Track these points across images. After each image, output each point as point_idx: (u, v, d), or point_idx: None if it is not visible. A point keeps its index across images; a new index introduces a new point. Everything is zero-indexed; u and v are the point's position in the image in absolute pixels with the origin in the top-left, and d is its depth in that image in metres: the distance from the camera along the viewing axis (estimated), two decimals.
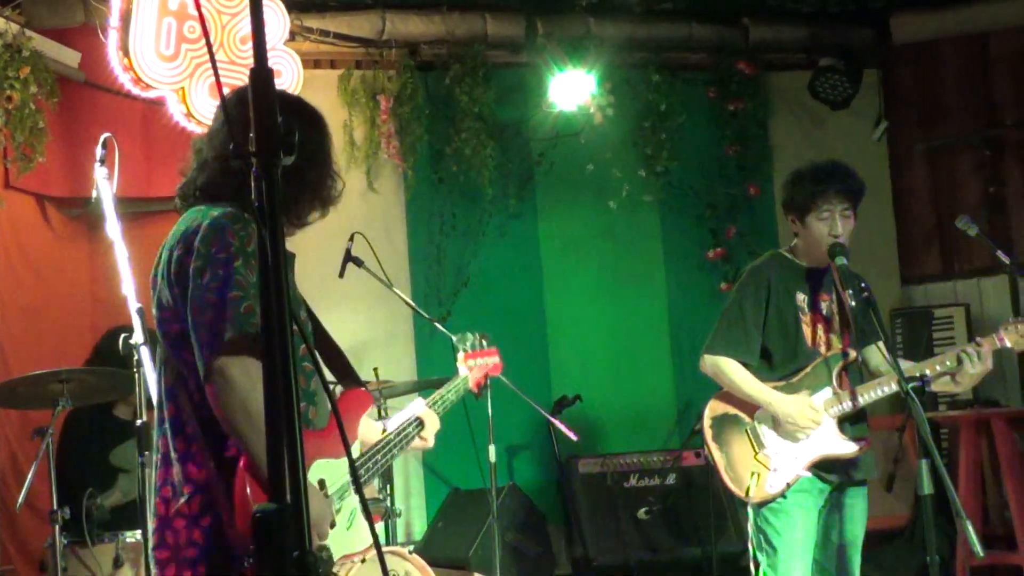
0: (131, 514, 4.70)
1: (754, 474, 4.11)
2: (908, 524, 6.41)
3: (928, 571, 3.75)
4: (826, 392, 4.10)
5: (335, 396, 2.81)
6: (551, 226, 7.22)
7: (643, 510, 6.44)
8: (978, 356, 3.96)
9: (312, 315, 2.89)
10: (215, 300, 2.46)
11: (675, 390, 7.24)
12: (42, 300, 5.71)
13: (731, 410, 4.21)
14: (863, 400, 4.07)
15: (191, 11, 5.49)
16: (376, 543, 1.79)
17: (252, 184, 1.67)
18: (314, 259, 2.88)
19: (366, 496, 2.46)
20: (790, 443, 4.09)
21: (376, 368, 6.00)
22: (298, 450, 1.60)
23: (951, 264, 7.53)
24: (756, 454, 4.13)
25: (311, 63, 6.50)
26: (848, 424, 4.12)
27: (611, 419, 7.08)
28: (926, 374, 3.96)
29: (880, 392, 4.04)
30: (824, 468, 4.10)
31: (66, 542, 4.57)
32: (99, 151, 3.72)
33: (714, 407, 4.25)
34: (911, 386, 3.75)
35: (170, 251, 2.60)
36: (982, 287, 7.35)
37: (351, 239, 5.11)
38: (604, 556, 6.33)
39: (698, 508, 6.35)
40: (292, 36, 6.21)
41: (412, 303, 5.38)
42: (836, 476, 4.12)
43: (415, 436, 3.12)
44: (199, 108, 5.55)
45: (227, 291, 2.46)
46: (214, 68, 1.85)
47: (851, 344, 4.16)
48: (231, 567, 2.48)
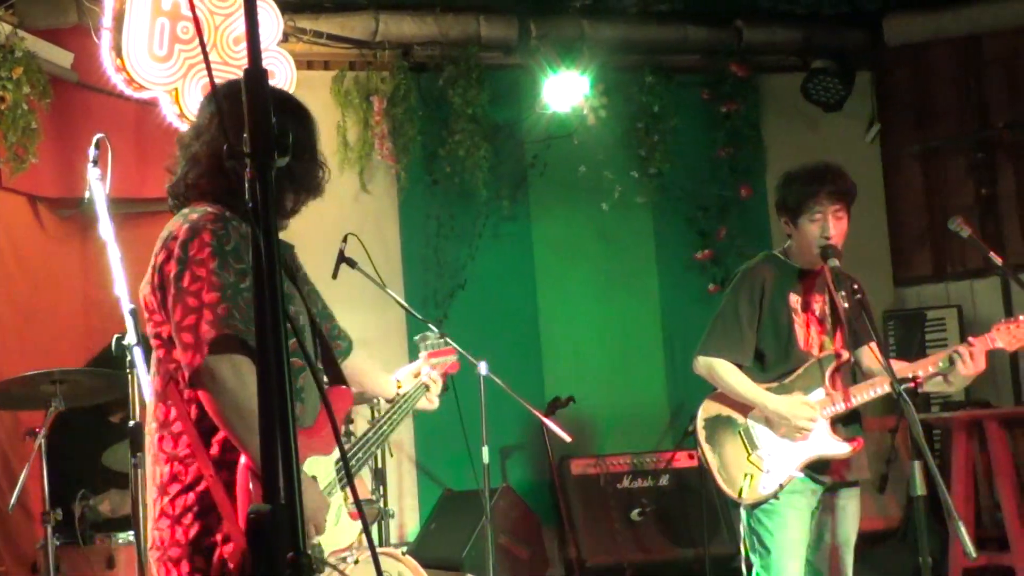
0: (123, 515, 4.70)
1: (747, 475, 4.11)
2: (901, 525, 6.41)
3: (921, 572, 3.76)
4: (819, 393, 4.11)
5: (326, 391, 2.81)
6: (544, 227, 7.21)
7: (636, 511, 6.45)
8: (970, 357, 3.96)
9: (309, 308, 2.87)
10: (195, 304, 2.48)
11: (668, 391, 7.24)
12: (35, 301, 5.70)
13: (724, 411, 4.21)
14: (856, 401, 4.07)
15: (184, 12, 5.48)
16: (371, 545, 1.79)
17: (246, 185, 1.66)
18: (307, 260, 2.88)
19: (358, 497, 2.46)
20: (783, 444, 4.10)
21: None
22: (292, 450, 1.59)
23: (944, 266, 7.54)
24: (749, 455, 4.13)
25: (304, 64, 6.50)
26: (841, 425, 4.12)
27: (605, 420, 7.08)
28: (918, 375, 3.97)
29: (873, 393, 4.05)
30: (817, 469, 4.10)
31: (58, 543, 4.56)
32: (92, 151, 3.71)
33: (707, 408, 4.25)
34: (904, 387, 3.76)
35: (155, 256, 2.62)
36: (975, 289, 7.36)
37: (344, 240, 5.10)
38: (597, 557, 6.34)
39: (691, 509, 6.36)
40: (285, 37, 6.21)
41: (405, 304, 5.36)
42: (829, 477, 4.12)
43: (421, 397, 3.37)
44: (192, 109, 5.54)
45: (205, 294, 2.47)
46: (208, 69, 1.83)
47: (844, 345, 4.17)
48: (211, 566, 2.49)
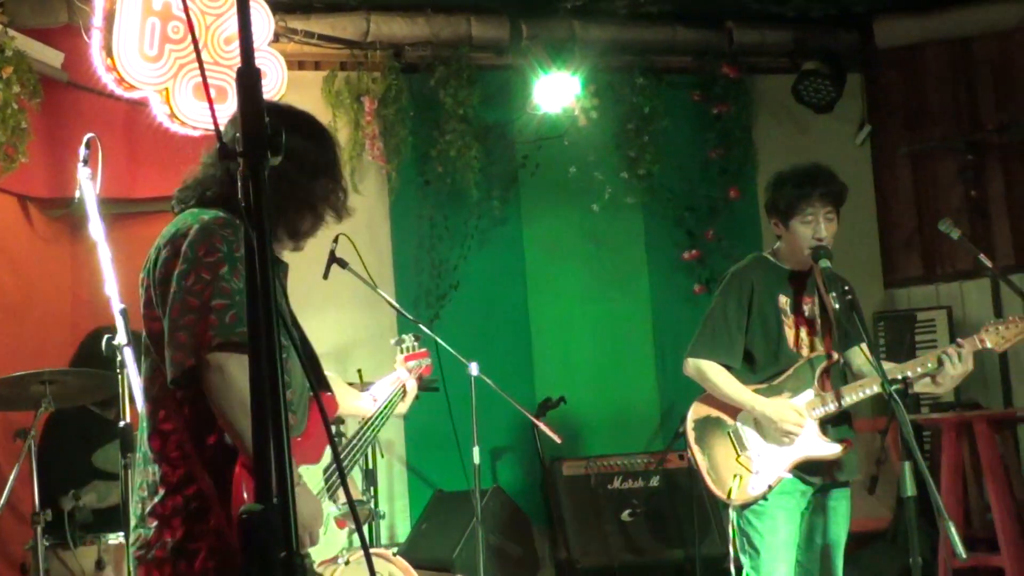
0: (113, 516, 4.69)
1: (736, 476, 4.11)
2: (891, 526, 6.42)
3: (911, 573, 3.77)
4: (808, 394, 4.12)
5: (320, 398, 2.81)
6: (535, 228, 7.20)
7: (627, 512, 6.45)
8: (959, 357, 3.98)
9: (296, 323, 2.89)
10: (197, 304, 2.45)
11: (659, 392, 7.24)
12: (24, 301, 5.68)
13: (714, 413, 4.21)
14: (846, 401, 4.08)
15: (175, 11, 5.47)
16: (364, 546, 1.79)
17: (239, 183, 1.67)
18: (298, 260, 2.87)
19: (351, 498, 2.46)
20: (772, 445, 4.10)
21: (360, 370, 6.00)
22: (285, 450, 1.59)
23: (934, 267, 7.55)
24: (738, 456, 4.14)
25: (295, 64, 6.49)
26: (831, 426, 4.13)
27: (595, 421, 7.08)
28: (908, 376, 3.98)
29: (863, 394, 4.06)
30: (806, 470, 4.10)
31: (48, 544, 4.55)
32: (82, 151, 3.70)
33: (697, 410, 4.26)
34: (894, 388, 3.77)
35: (158, 251, 2.60)
36: (964, 290, 7.38)
37: (335, 240, 5.10)
38: (588, 558, 6.33)
39: (682, 510, 6.36)
40: (276, 37, 6.20)
41: (396, 304, 5.36)
42: (819, 478, 4.12)
43: (398, 402, 3.51)
44: (183, 109, 5.53)
45: (212, 298, 2.45)
46: (200, 68, 1.83)
47: (833, 346, 4.18)
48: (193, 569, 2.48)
